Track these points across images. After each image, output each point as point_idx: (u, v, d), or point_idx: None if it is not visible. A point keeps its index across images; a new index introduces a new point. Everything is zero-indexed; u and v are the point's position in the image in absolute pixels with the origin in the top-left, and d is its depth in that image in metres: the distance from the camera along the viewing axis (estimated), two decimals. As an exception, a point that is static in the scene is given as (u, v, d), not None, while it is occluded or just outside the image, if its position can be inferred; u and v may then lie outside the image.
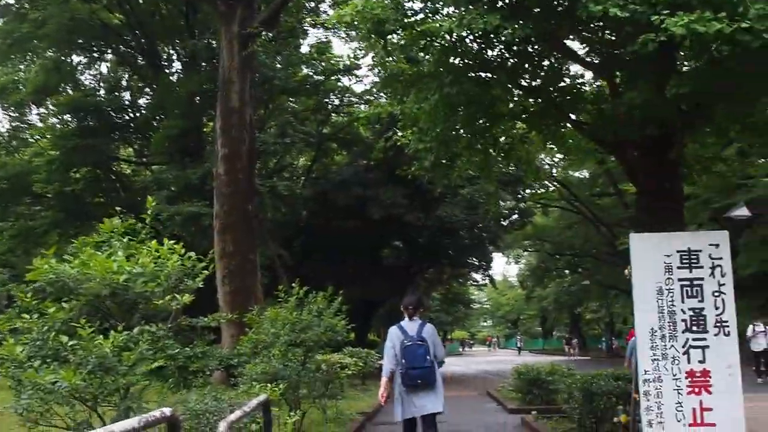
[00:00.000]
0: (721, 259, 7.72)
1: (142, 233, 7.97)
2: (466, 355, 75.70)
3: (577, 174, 52.96)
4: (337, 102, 36.05)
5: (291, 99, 34.63)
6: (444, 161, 10.38)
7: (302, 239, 38.02)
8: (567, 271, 65.97)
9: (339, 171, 33.24)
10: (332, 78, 33.68)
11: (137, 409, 6.50)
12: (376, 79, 33.98)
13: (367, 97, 35.89)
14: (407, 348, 8.14)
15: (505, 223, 37.97)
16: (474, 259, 36.63)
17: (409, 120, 10.52)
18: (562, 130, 10.88)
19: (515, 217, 39.03)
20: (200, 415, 7.58)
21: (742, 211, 21.64)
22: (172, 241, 7.85)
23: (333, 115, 38.19)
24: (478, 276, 46.75)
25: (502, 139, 10.87)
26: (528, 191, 40.00)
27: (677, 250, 7.77)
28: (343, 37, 31.70)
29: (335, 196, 30.88)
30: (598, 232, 49.32)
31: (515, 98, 9.61)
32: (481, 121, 9.97)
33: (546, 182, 46.10)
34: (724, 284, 7.69)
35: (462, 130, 9.84)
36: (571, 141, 11.74)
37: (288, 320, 10.79)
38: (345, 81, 35.08)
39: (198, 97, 27.31)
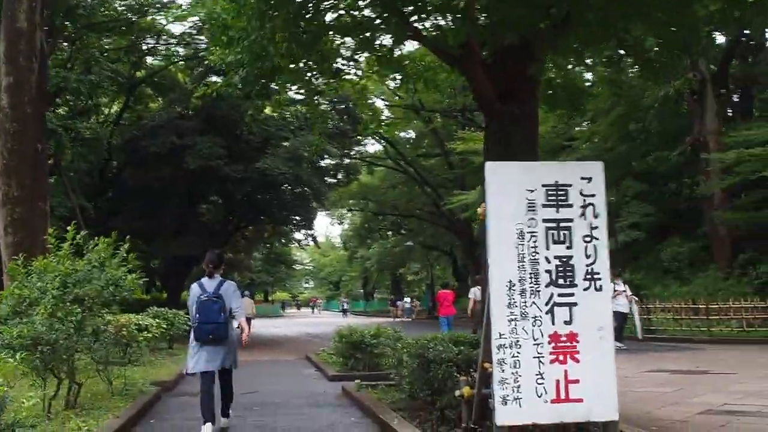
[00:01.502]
0: (593, 196, 6.27)
1: None
2: (288, 317, 73.53)
3: (403, 134, 52.41)
4: (153, 42, 33.03)
5: (100, 37, 31.40)
6: (259, 78, 8.38)
7: (111, 192, 35.05)
8: (390, 233, 65.73)
9: (152, 117, 30.35)
10: (147, 16, 30.69)
11: None
12: (196, 19, 31.80)
13: (187, 40, 33.23)
14: (203, 303, 8.25)
15: (329, 180, 36.38)
16: (296, 217, 34.69)
17: (219, 28, 8.47)
18: (399, 49, 9.20)
19: (340, 175, 37.50)
20: None
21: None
22: None
23: (148, 58, 35.18)
24: (300, 235, 45.05)
25: (331, 61, 9.03)
26: (355, 148, 38.62)
27: (543, 183, 6.25)
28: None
29: (147, 144, 28.13)
30: (423, 192, 48.91)
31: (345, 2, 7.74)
32: (304, 34, 8.10)
33: (374, 136, 45.04)
34: (596, 227, 6.25)
35: (280, 40, 7.91)
36: (407, 63, 10.03)
37: (59, 272, 8.56)
38: (162, 21, 32.12)
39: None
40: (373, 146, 53.41)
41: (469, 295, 22.95)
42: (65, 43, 28.49)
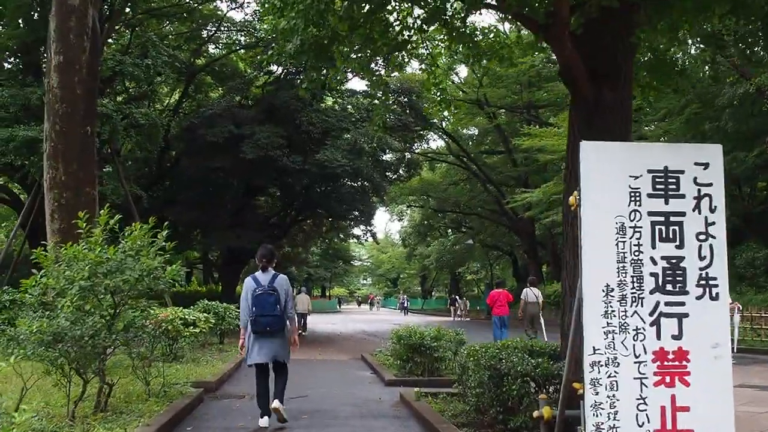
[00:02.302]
0: (710, 185, 5.20)
1: None
2: (345, 313, 72.68)
3: (466, 131, 51.35)
4: (213, 30, 32.54)
5: (160, 23, 31.02)
6: (315, 46, 7.41)
7: (168, 181, 34.69)
8: (449, 231, 64.65)
9: (210, 105, 29.77)
10: (209, 3, 30.20)
11: None
12: (257, 7, 31.16)
13: (248, 29, 32.68)
14: (258, 296, 8.47)
15: (390, 175, 35.44)
16: (355, 212, 33.76)
17: (272, -5, 7.56)
18: (472, 18, 8.18)
19: (402, 170, 36.52)
20: None
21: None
22: None
23: (209, 46, 34.73)
24: (359, 231, 44.15)
25: (395, 28, 8.03)
26: (417, 144, 37.66)
27: (649, 169, 5.20)
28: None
29: (204, 133, 27.54)
30: (486, 190, 47.72)
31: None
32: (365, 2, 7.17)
33: (437, 131, 44.08)
34: (713, 223, 5.18)
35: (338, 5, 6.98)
36: (481, 37, 8.93)
37: (90, 260, 7.76)
38: (223, 7, 31.67)
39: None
40: (435, 142, 52.51)
41: (521, 296, 22.04)
42: (126, 30, 28.13)
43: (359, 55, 8.24)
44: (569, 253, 6.93)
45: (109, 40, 26.25)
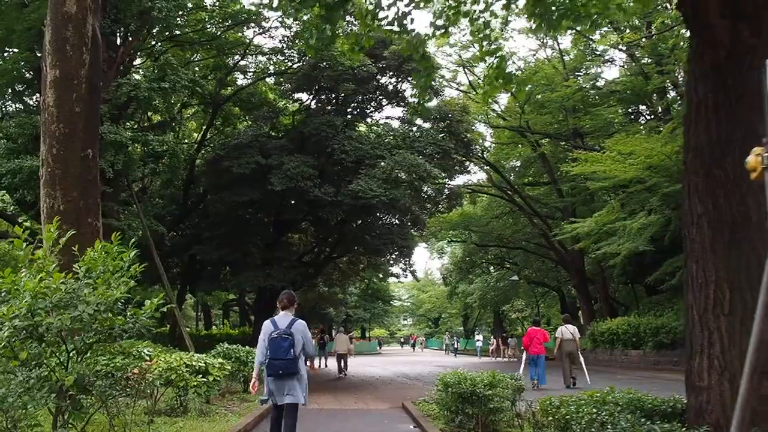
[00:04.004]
0: None
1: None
2: (386, 354, 69.72)
3: (507, 164, 49.32)
4: (239, 58, 31.00)
5: (184, 52, 29.53)
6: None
7: (195, 217, 33.04)
8: (491, 268, 62.25)
9: (236, 135, 27.98)
10: (234, 28, 28.61)
11: None
12: (285, 32, 29.53)
13: (278, 57, 31.13)
14: (272, 340, 8.57)
15: (430, 207, 33.38)
16: (393, 246, 31.44)
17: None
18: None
19: (442, 201, 34.38)
20: None
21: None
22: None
23: (238, 77, 33.22)
24: (398, 269, 41.90)
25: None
26: (457, 173, 35.55)
27: None
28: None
29: (230, 164, 25.74)
30: (531, 222, 45.36)
31: None
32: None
33: (477, 156, 42.11)
34: None
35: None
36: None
37: (28, 290, 5.71)
38: (249, 34, 30.09)
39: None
40: (475, 175, 50.37)
41: (556, 334, 21.80)
42: (150, 61, 26.69)
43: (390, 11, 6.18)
44: (699, 265, 4.74)
45: (134, 73, 24.83)
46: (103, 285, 5.97)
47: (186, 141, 33.25)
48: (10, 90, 23.57)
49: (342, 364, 29.97)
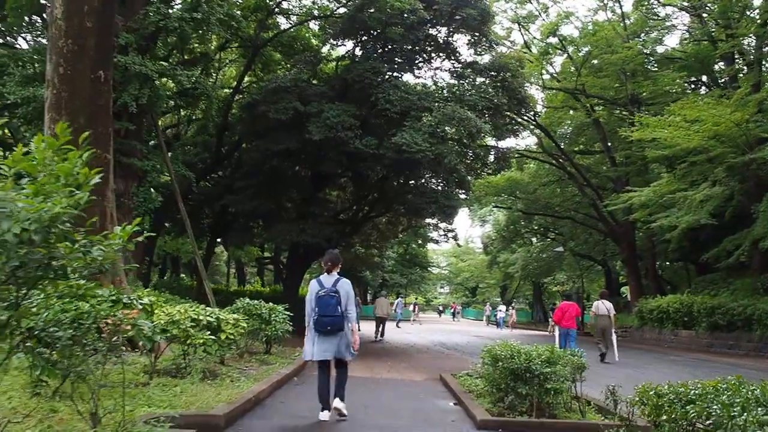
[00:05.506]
0: None
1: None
2: (422, 322, 67.41)
3: (559, 130, 47.07)
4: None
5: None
6: None
7: (228, 168, 31.56)
8: (534, 239, 60.12)
9: (275, 79, 26.14)
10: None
11: None
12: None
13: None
14: (321, 298, 8.86)
15: (477, 167, 31.36)
16: (436, 206, 29.25)
17: None
18: None
19: (491, 161, 32.23)
20: None
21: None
22: None
23: (280, 21, 31.43)
24: (437, 235, 40.01)
25: None
26: (508, 133, 33.40)
27: None
28: None
29: (267, 109, 24.00)
30: (581, 192, 43.10)
31: None
32: None
33: (528, 118, 40.11)
34: None
35: None
36: None
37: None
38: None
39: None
40: (523, 140, 48.19)
41: (592, 308, 21.84)
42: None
43: None
44: None
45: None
46: (39, 196, 4.22)
47: (224, 88, 31.59)
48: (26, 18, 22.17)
49: (381, 328, 29.90)
